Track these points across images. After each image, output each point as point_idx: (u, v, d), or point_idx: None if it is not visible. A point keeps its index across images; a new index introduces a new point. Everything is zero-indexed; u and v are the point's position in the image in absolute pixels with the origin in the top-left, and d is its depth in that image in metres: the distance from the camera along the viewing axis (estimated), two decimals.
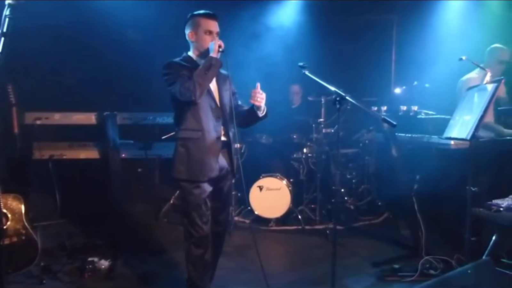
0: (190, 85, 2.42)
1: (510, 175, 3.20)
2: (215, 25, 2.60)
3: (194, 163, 2.55)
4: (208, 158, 2.57)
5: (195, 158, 2.56)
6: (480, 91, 2.92)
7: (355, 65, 5.83)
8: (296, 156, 5.08)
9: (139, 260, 3.61)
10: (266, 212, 4.73)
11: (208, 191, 2.60)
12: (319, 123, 4.87)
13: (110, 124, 4.38)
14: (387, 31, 6.07)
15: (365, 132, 5.19)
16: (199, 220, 2.57)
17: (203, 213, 2.58)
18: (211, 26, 2.58)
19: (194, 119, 2.55)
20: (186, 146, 2.57)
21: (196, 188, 2.56)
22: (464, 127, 2.86)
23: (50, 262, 3.38)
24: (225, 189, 2.75)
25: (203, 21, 2.58)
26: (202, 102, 2.53)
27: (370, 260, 3.62)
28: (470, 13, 5.19)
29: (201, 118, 2.55)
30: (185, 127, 2.57)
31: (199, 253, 2.62)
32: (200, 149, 2.56)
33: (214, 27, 2.59)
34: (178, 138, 2.61)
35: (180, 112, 2.58)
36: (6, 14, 1.71)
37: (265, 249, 4.14)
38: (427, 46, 5.24)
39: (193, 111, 2.55)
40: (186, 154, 2.57)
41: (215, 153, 2.60)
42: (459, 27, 5.17)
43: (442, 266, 3.25)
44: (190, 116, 2.55)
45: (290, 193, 4.71)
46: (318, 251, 3.96)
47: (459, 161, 3.16)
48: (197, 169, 2.55)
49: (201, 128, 2.55)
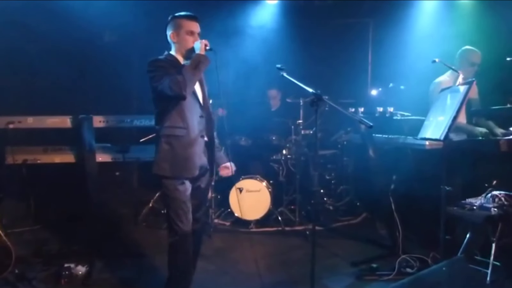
0: (180, 80, 2.47)
1: (483, 175, 3.28)
2: (197, 26, 2.69)
3: (178, 160, 2.59)
4: (193, 155, 2.62)
5: (179, 155, 2.59)
6: (453, 93, 3.00)
7: (332, 67, 5.91)
8: (276, 158, 5.10)
9: (117, 265, 3.55)
10: (246, 214, 4.73)
11: (189, 189, 2.65)
12: (298, 124, 4.90)
13: (85, 127, 4.30)
14: (364, 34, 6.17)
15: (343, 133, 5.26)
16: (185, 217, 2.60)
17: (188, 211, 2.63)
18: (193, 27, 2.67)
19: (179, 116, 2.59)
20: (171, 143, 2.60)
21: (181, 184, 2.60)
22: (438, 128, 2.93)
23: (25, 269, 3.30)
24: (202, 186, 2.78)
25: (185, 22, 2.65)
26: (188, 99, 2.58)
27: (348, 260, 3.67)
28: (443, 14, 5.32)
29: (186, 116, 2.60)
30: (170, 124, 2.60)
31: (183, 250, 2.64)
32: (185, 146, 2.60)
33: (196, 28, 2.68)
34: (162, 135, 2.62)
35: (165, 110, 2.60)
36: None
37: (245, 251, 4.14)
38: (402, 48, 5.34)
39: (178, 109, 2.59)
40: (171, 151, 2.60)
41: (199, 151, 2.66)
42: (433, 29, 5.29)
43: (418, 264, 3.33)
44: (175, 113, 2.59)
45: (270, 195, 4.72)
46: (297, 252, 3.98)
47: (433, 161, 3.23)
48: (181, 166, 2.59)
49: (186, 125, 2.60)
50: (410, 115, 3.97)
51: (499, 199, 2.89)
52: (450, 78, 3.84)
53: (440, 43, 4.76)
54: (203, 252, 3.02)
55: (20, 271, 3.19)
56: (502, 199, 2.88)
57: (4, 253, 3.02)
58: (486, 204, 2.90)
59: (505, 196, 2.90)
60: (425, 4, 5.46)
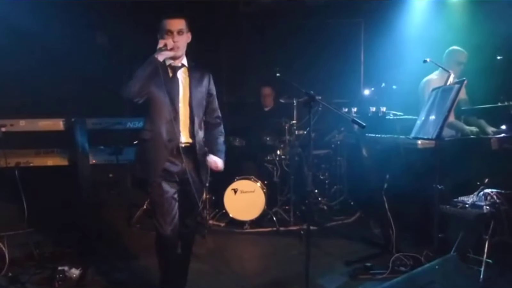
0: (129, 82, 2.43)
1: (475, 173, 3.32)
2: (175, 23, 2.55)
3: (145, 163, 2.60)
4: (157, 160, 2.56)
5: (146, 157, 2.60)
6: (444, 92, 3.03)
7: (325, 67, 5.93)
8: (270, 158, 5.11)
9: (111, 267, 3.54)
10: (241, 214, 4.73)
11: (171, 192, 2.60)
12: (291, 125, 4.92)
13: (78, 130, 4.29)
14: (356, 34, 6.20)
15: (336, 133, 5.28)
16: (162, 220, 2.59)
17: (166, 213, 2.59)
18: (170, 25, 2.54)
19: (148, 119, 2.59)
20: (141, 145, 2.63)
21: (156, 187, 2.57)
22: (430, 127, 2.96)
23: (18, 272, 3.28)
24: (191, 192, 2.64)
25: (164, 22, 2.55)
26: (155, 102, 2.54)
27: (343, 259, 3.68)
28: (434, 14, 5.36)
29: (153, 119, 2.57)
30: (143, 127, 2.63)
31: (163, 252, 2.66)
32: (150, 149, 2.58)
33: (174, 26, 2.54)
34: (138, 137, 2.67)
35: (142, 112, 2.62)
36: None
37: (240, 251, 4.15)
38: (394, 48, 5.37)
39: (148, 112, 2.58)
40: (141, 153, 2.63)
41: (166, 155, 2.56)
42: (424, 28, 5.33)
43: (411, 262, 3.34)
44: (147, 116, 2.60)
45: (265, 195, 4.73)
46: (292, 252, 3.99)
47: (426, 160, 3.26)
48: (147, 169, 2.59)
49: (152, 129, 2.57)
50: (403, 114, 4.00)
51: (491, 197, 2.93)
52: (438, 77, 3.89)
53: (431, 42, 4.80)
54: (197, 252, 3.03)
55: (13, 274, 3.17)
56: (494, 197, 2.92)
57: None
58: (478, 202, 2.93)
59: (497, 194, 2.94)
60: (416, 4, 5.50)
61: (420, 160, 3.42)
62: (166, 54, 2.50)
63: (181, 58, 2.64)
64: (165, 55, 2.50)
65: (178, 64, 2.64)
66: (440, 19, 5.22)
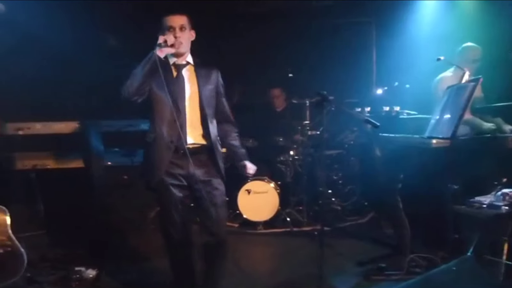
0: (127, 81, 2.39)
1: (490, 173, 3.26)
2: (177, 18, 2.49)
3: (148, 165, 2.57)
4: (159, 162, 2.49)
5: (149, 159, 2.57)
6: (459, 90, 2.99)
7: (336, 67, 5.89)
8: (283, 159, 5.11)
9: (126, 268, 3.58)
10: (254, 215, 4.74)
11: (177, 195, 2.52)
12: (304, 125, 4.91)
13: (93, 132, 4.35)
14: (367, 33, 6.16)
15: (349, 133, 5.25)
16: (168, 223, 2.56)
17: (171, 217, 2.54)
18: (172, 21, 2.48)
19: (151, 121, 2.55)
20: (145, 147, 2.59)
21: (160, 190, 2.53)
22: (444, 126, 2.92)
23: (35, 273, 3.33)
24: (204, 197, 2.54)
25: (165, 19, 2.50)
26: (157, 103, 2.48)
27: (356, 259, 3.67)
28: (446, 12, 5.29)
29: (155, 120, 2.51)
30: (148, 129, 2.59)
31: (174, 260, 2.65)
32: (152, 151, 2.53)
33: (174, 22, 2.48)
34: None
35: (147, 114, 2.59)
36: None
37: (253, 252, 4.16)
38: (406, 47, 5.32)
39: (151, 113, 2.53)
40: (145, 155, 2.61)
41: (168, 157, 2.48)
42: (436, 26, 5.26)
43: (427, 263, 3.30)
44: (150, 118, 2.55)
45: (278, 196, 4.73)
46: (305, 253, 3.98)
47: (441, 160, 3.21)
48: (150, 171, 2.54)
49: (154, 130, 2.51)
50: (416, 113, 3.96)
51: (510, 197, 2.87)
52: (452, 74, 3.83)
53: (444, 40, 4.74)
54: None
55: (31, 274, 3.22)
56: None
57: (16, 257, 3.05)
58: (495, 202, 2.88)
59: None
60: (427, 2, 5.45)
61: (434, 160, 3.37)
62: (166, 51, 2.42)
63: (185, 55, 2.56)
64: (166, 51, 2.42)
65: (182, 62, 2.56)
66: (452, 16, 5.16)
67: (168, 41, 2.39)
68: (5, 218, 3.08)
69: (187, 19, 2.53)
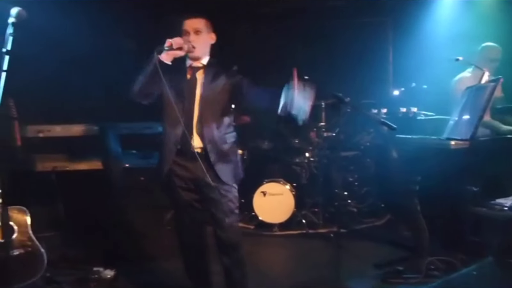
0: (134, 82, 2.42)
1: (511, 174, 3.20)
2: (192, 22, 2.49)
3: (157, 166, 2.61)
4: (164, 163, 2.52)
5: (158, 162, 2.61)
6: (478, 91, 2.94)
7: (352, 67, 5.85)
8: (298, 161, 5.10)
9: (142, 269, 3.62)
10: (270, 217, 4.74)
11: (186, 198, 2.54)
12: (320, 127, 4.89)
13: (111, 135, 4.42)
14: (383, 33, 6.10)
15: (365, 134, 5.20)
16: (177, 225, 2.63)
17: (180, 218, 2.61)
18: (187, 25, 2.49)
19: (162, 123, 2.58)
20: (158, 149, 2.63)
21: (169, 192, 2.57)
22: (463, 127, 2.88)
23: (54, 273, 3.39)
24: (212, 203, 2.52)
25: (183, 23, 2.51)
26: (166, 105, 2.47)
27: (373, 262, 3.63)
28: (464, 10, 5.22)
29: (164, 123, 2.55)
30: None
31: (187, 261, 2.69)
32: (161, 153, 2.58)
33: (190, 25, 2.48)
34: None
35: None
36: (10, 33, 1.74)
37: (269, 254, 4.15)
38: (423, 47, 5.26)
39: (161, 115, 2.55)
40: (158, 157, 2.63)
41: (173, 159, 2.50)
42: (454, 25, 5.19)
43: (446, 267, 3.25)
44: (162, 120, 2.58)
45: (294, 198, 4.71)
46: (322, 255, 3.96)
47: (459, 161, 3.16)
48: (157, 171, 2.59)
49: (163, 132, 2.56)
50: (434, 114, 3.91)
51: None
52: (471, 75, 3.77)
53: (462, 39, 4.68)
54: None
55: (50, 274, 3.28)
56: None
57: (36, 257, 3.12)
58: None
59: None
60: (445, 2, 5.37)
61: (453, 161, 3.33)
62: (172, 54, 2.37)
63: (201, 59, 2.56)
64: (172, 55, 2.37)
65: (198, 65, 2.55)
66: (470, 15, 5.08)
67: (174, 45, 2.34)
68: (25, 218, 3.15)
69: (204, 22, 2.52)
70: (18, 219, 3.12)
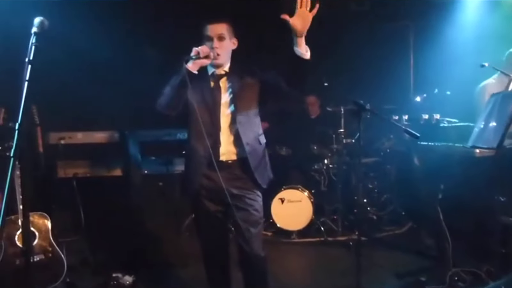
0: (161, 95, 2.36)
1: None
2: (215, 27, 2.38)
3: (184, 178, 2.58)
4: (193, 175, 2.45)
5: (185, 172, 2.58)
6: (505, 98, 2.85)
7: (372, 72, 5.78)
8: (317, 167, 5.05)
9: (162, 275, 3.63)
10: (288, 224, 4.70)
11: (212, 209, 2.47)
12: (339, 133, 4.84)
13: (131, 142, 4.46)
14: (404, 37, 6.00)
15: (385, 140, 5.13)
16: (202, 237, 2.57)
17: (205, 231, 2.55)
18: (210, 30, 2.38)
19: (188, 133, 2.51)
20: (185, 159, 2.61)
21: (195, 204, 2.52)
22: (490, 135, 2.80)
23: (74, 278, 3.42)
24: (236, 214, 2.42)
25: (205, 28, 2.40)
26: (191, 116, 2.40)
27: (394, 272, 3.57)
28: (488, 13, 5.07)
29: (190, 133, 2.47)
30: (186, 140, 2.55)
31: (210, 271, 2.64)
32: (188, 164, 2.54)
33: (213, 31, 2.37)
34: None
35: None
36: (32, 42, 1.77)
37: (288, 262, 4.11)
38: (446, 52, 5.15)
39: (188, 125, 2.48)
40: (184, 166, 2.61)
41: (203, 171, 2.41)
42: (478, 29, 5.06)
43: (471, 278, 3.16)
44: (187, 130, 2.52)
45: (312, 205, 4.67)
46: (341, 263, 3.91)
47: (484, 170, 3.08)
48: (185, 184, 2.54)
49: (190, 142, 2.45)
50: (458, 121, 3.81)
51: None
52: (497, 81, 3.68)
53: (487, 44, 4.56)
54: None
55: (71, 280, 3.32)
56: None
57: (56, 263, 3.16)
58: None
59: None
60: (468, 4, 5.23)
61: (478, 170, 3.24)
62: (199, 63, 2.27)
63: (224, 65, 2.47)
64: (199, 63, 2.27)
65: (221, 72, 2.46)
66: (496, 19, 4.94)
67: (201, 53, 2.25)
68: (46, 224, 3.21)
69: (227, 27, 2.42)
70: (39, 225, 3.18)
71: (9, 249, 3.02)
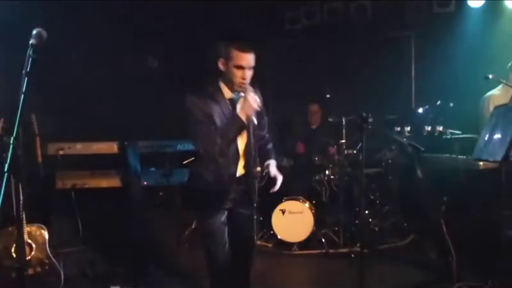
0: (213, 145, 2.30)
1: None
2: (249, 58, 2.29)
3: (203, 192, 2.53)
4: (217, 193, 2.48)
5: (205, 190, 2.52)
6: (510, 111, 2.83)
7: (373, 83, 5.76)
8: (318, 178, 5.00)
9: (161, 286, 3.57)
10: (289, 236, 4.63)
11: (221, 218, 2.52)
12: (340, 144, 4.80)
13: (131, 153, 4.44)
14: (405, 48, 6.00)
15: (387, 151, 5.09)
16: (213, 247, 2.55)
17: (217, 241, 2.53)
18: (243, 60, 2.27)
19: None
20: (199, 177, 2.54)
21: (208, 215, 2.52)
22: (495, 148, 2.76)
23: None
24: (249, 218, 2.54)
25: (235, 53, 2.27)
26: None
27: (397, 285, 3.51)
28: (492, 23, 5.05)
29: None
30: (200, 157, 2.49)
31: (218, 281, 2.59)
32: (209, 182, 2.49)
33: (247, 62, 2.28)
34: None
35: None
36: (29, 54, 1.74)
37: (289, 274, 4.05)
38: (449, 62, 5.12)
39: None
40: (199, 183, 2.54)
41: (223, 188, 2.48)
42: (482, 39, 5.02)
43: None
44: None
45: (313, 216, 4.61)
46: (342, 276, 3.84)
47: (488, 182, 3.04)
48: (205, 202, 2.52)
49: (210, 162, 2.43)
50: (461, 133, 3.78)
51: None
52: (501, 93, 3.64)
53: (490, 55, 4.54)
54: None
55: None
56: None
57: (53, 275, 3.11)
58: None
59: None
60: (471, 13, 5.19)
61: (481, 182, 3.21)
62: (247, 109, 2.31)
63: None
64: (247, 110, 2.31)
65: (240, 96, 2.42)
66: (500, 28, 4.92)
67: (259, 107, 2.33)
68: (44, 236, 3.17)
69: (255, 57, 2.35)
70: (37, 237, 3.13)
71: (5, 261, 2.98)
